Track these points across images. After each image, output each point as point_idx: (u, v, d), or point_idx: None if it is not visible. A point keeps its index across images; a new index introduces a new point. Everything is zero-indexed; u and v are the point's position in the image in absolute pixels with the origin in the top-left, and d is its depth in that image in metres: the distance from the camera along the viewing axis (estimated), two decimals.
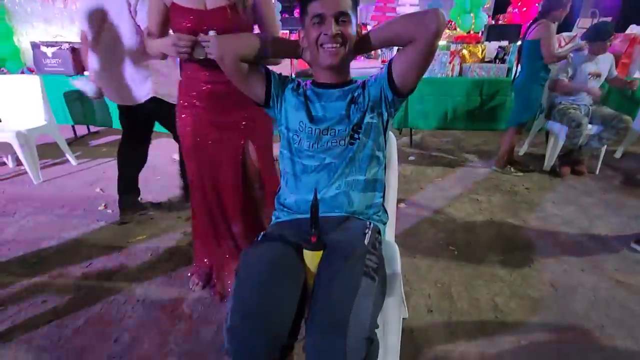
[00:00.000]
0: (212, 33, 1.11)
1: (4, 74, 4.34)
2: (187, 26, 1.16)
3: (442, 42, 3.50)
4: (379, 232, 0.96)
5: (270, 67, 1.05)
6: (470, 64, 3.27)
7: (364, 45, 0.95)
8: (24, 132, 2.48)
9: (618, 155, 3.12)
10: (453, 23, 5.58)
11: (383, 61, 3.48)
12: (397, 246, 1.10)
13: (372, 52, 3.54)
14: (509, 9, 5.53)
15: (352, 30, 0.90)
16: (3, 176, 2.78)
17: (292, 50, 1.02)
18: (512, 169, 2.83)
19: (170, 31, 1.26)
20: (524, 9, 5.23)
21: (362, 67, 3.30)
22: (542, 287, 1.53)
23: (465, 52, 3.40)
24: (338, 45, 0.89)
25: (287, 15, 5.16)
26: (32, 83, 2.68)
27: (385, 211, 1.05)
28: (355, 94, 0.96)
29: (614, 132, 2.53)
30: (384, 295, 0.85)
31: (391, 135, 1.11)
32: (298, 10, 1.85)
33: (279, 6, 5.35)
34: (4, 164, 2.99)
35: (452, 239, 1.90)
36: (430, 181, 2.69)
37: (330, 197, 0.93)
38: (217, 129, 1.31)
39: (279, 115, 1.02)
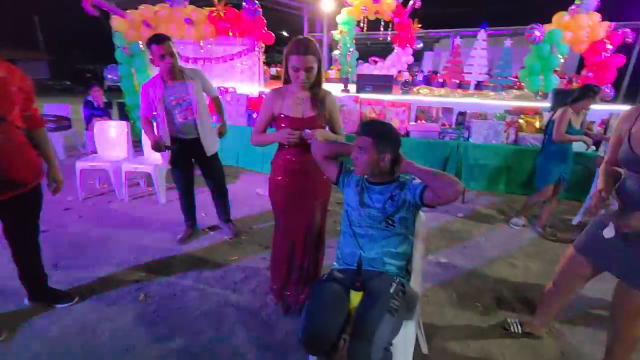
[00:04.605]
0: (307, 131, 1.75)
1: None
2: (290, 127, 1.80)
3: (498, 112, 3.82)
4: (403, 285, 1.42)
5: None
6: (526, 134, 3.54)
7: (402, 168, 1.43)
8: (160, 166, 3.42)
9: None
10: (521, 83, 5.77)
11: (443, 124, 3.90)
12: (418, 294, 1.55)
13: (434, 116, 3.99)
14: (583, 71, 5.55)
15: (368, 160, 1.37)
16: (138, 195, 3.78)
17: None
18: (548, 231, 3.10)
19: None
20: (599, 73, 5.22)
21: (423, 130, 3.76)
22: (551, 352, 1.80)
23: (522, 121, 3.68)
24: (357, 164, 1.41)
25: None
26: None
27: (409, 272, 1.51)
28: (393, 193, 1.44)
29: None
30: (400, 325, 1.31)
31: (421, 215, 1.58)
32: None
33: None
34: (138, 184, 4.02)
35: (480, 297, 2.22)
36: (474, 240, 2.99)
37: (370, 258, 1.44)
38: (298, 193, 1.91)
39: (343, 192, 1.57)
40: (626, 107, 3.07)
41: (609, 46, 5.06)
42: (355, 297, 1.34)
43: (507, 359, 1.74)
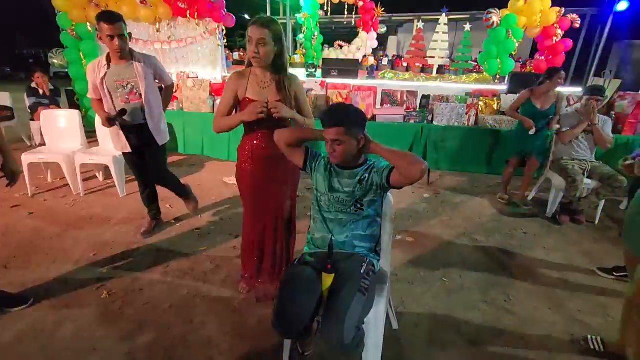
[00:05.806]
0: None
1: None
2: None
3: (460, 95, 3.95)
4: (373, 265, 1.46)
5: None
6: (485, 115, 3.69)
7: (369, 149, 1.43)
8: (118, 157, 3.22)
9: (623, 206, 3.37)
10: (480, 67, 5.98)
11: (407, 108, 3.97)
12: (388, 273, 1.59)
13: (399, 100, 4.05)
14: (536, 55, 5.84)
15: (346, 149, 1.36)
16: (96, 188, 3.56)
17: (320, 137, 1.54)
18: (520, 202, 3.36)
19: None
20: (550, 56, 5.52)
21: (387, 114, 3.81)
22: (510, 318, 1.93)
23: (481, 103, 3.83)
24: (335, 155, 1.39)
25: None
26: None
27: (378, 253, 1.54)
28: (362, 177, 1.43)
29: (610, 189, 2.85)
30: (372, 304, 1.34)
31: (389, 196, 1.61)
32: None
33: None
34: (95, 177, 3.78)
35: (446, 272, 2.33)
36: (439, 219, 3.12)
37: (341, 242, 1.46)
38: (266, 178, 1.88)
39: (311, 178, 1.56)
40: (575, 90, 3.32)
41: (559, 31, 5.34)
42: (327, 279, 1.34)
43: (472, 329, 1.85)
